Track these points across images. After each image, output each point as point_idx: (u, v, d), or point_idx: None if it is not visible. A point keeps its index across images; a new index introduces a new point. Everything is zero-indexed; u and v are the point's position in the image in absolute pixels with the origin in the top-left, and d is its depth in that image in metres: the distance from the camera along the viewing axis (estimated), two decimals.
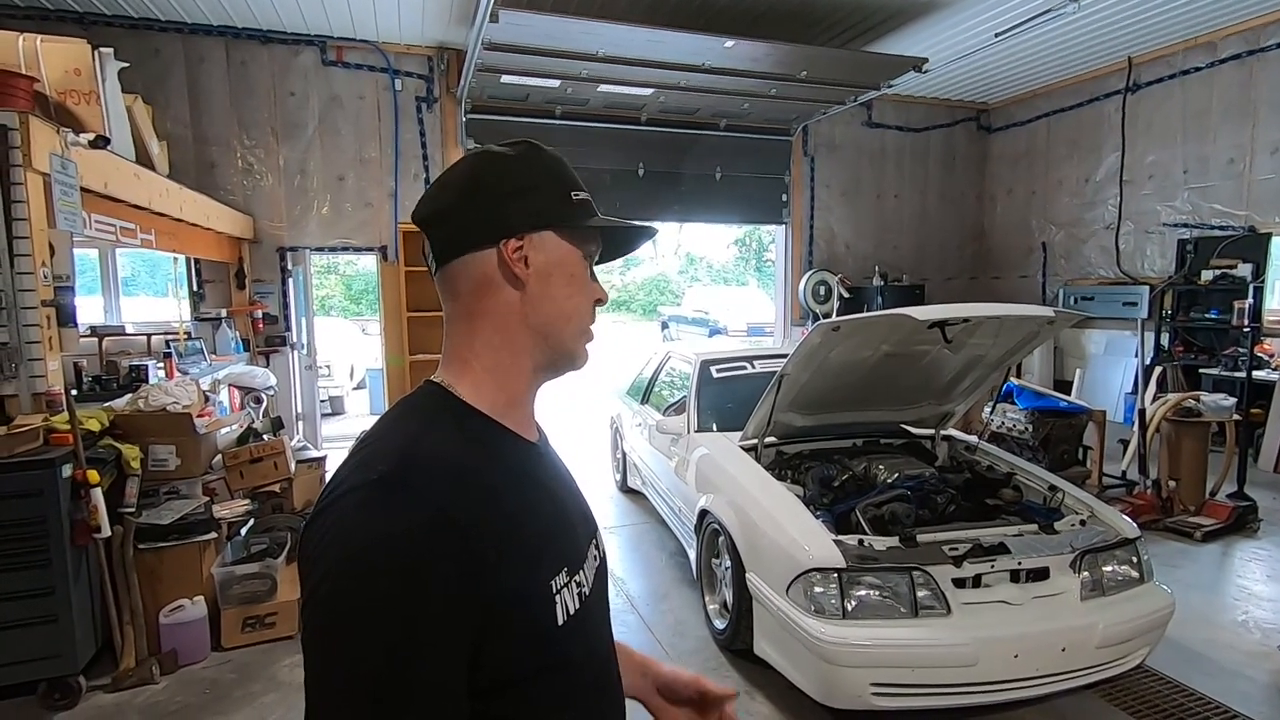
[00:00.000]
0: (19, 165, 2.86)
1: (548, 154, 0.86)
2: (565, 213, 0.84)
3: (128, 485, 3.16)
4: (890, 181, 8.97)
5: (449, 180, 0.84)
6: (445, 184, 0.84)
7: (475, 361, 0.82)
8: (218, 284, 6.50)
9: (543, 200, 0.83)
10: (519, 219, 0.81)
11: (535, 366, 0.85)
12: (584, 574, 0.82)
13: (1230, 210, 6.71)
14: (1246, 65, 6.51)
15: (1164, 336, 7.17)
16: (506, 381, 0.82)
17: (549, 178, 0.84)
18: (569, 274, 0.84)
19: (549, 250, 0.82)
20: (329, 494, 0.70)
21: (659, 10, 5.89)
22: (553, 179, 0.85)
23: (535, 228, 0.82)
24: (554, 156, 0.87)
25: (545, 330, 0.83)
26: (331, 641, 0.63)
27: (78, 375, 4.34)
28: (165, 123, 5.95)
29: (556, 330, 0.84)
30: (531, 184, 0.83)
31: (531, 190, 0.83)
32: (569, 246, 0.84)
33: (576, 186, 0.86)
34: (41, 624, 2.78)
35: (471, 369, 0.82)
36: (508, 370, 0.82)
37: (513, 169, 0.83)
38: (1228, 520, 4.55)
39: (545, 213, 0.82)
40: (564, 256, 0.84)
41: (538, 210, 0.82)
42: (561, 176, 0.85)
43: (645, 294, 30.87)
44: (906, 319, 2.78)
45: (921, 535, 2.72)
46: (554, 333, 0.84)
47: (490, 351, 0.82)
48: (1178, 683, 2.92)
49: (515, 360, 0.82)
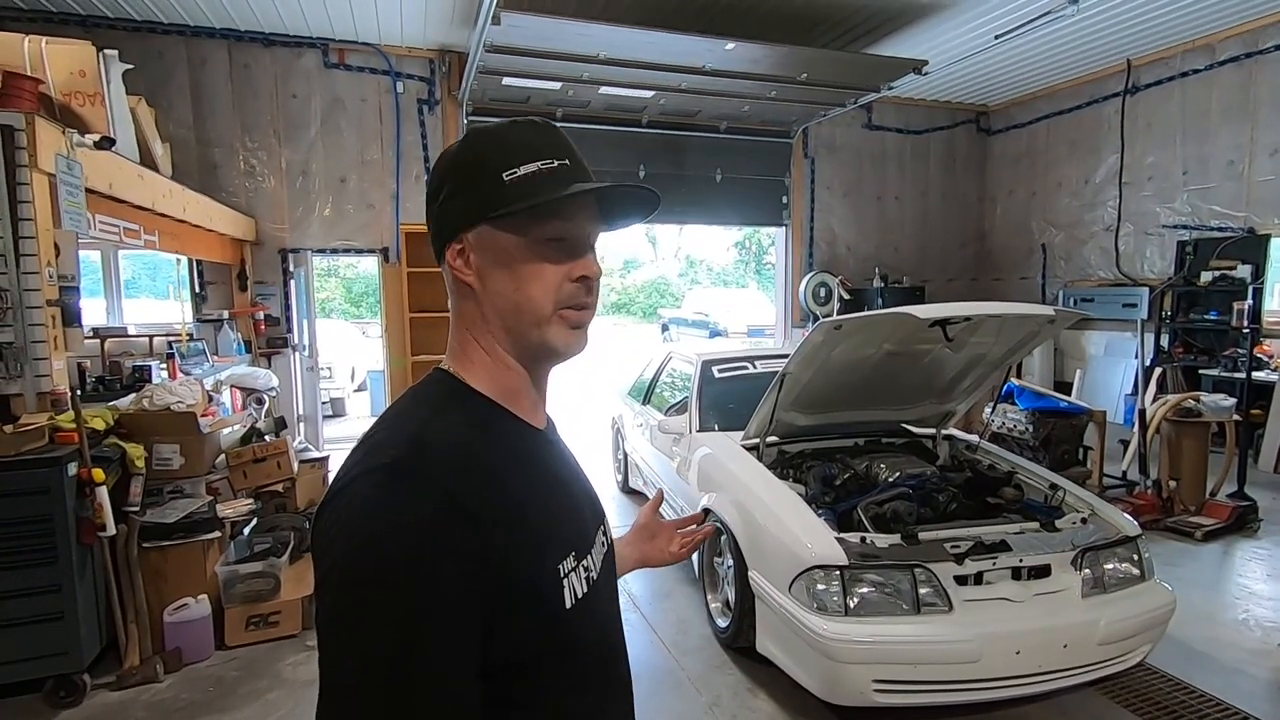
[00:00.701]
0: (25, 165, 2.88)
1: (484, 136, 0.81)
2: (494, 200, 0.76)
3: (132, 484, 3.17)
4: (891, 183, 9.00)
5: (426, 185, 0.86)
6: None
7: (469, 354, 0.83)
8: (220, 286, 6.52)
9: (474, 192, 0.78)
10: (452, 221, 0.80)
11: (518, 360, 0.83)
12: (591, 559, 0.83)
13: (1230, 212, 6.73)
14: (1245, 67, 6.53)
15: (1164, 338, 7.19)
16: (498, 374, 0.82)
17: (478, 165, 0.79)
18: (509, 266, 0.78)
19: (485, 245, 0.79)
20: (341, 479, 0.71)
21: (660, 12, 5.92)
22: (481, 165, 0.78)
23: (469, 225, 0.79)
24: (492, 136, 0.81)
25: (506, 326, 0.80)
26: (343, 626, 0.64)
27: (81, 376, 4.36)
28: (169, 124, 5.97)
29: (514, 325, 0.80)
30: (466, 176, 0.79)
31: (465, 184, 0.79)
32: (507, 237, 0.78)
33: (515, 163, 0.77)
34: (47, 622, 2.79)
35: (469, 360, 0.83)
36: (496, 364, 0.82)
37: (454, 164, 0.81)
38: (1228, 520, 4.56)
39: (475, 206, 0.78)
40: (502, 249, 0.78)
41: (468, 205, 0.78)
42: (494, 157, 0.78)
43: (645, 296, 30.89)
44: (909, 317, 2.80)
45: (923, 533, 2.74)
46: (513, 328, 0.80)
47: (474, 349, 0.82)
48: (1179, 680, 2.93)
49: (496, 357, 0.82)
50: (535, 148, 0.79)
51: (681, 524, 1.33)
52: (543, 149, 0.79)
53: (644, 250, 33.22)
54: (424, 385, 0.83)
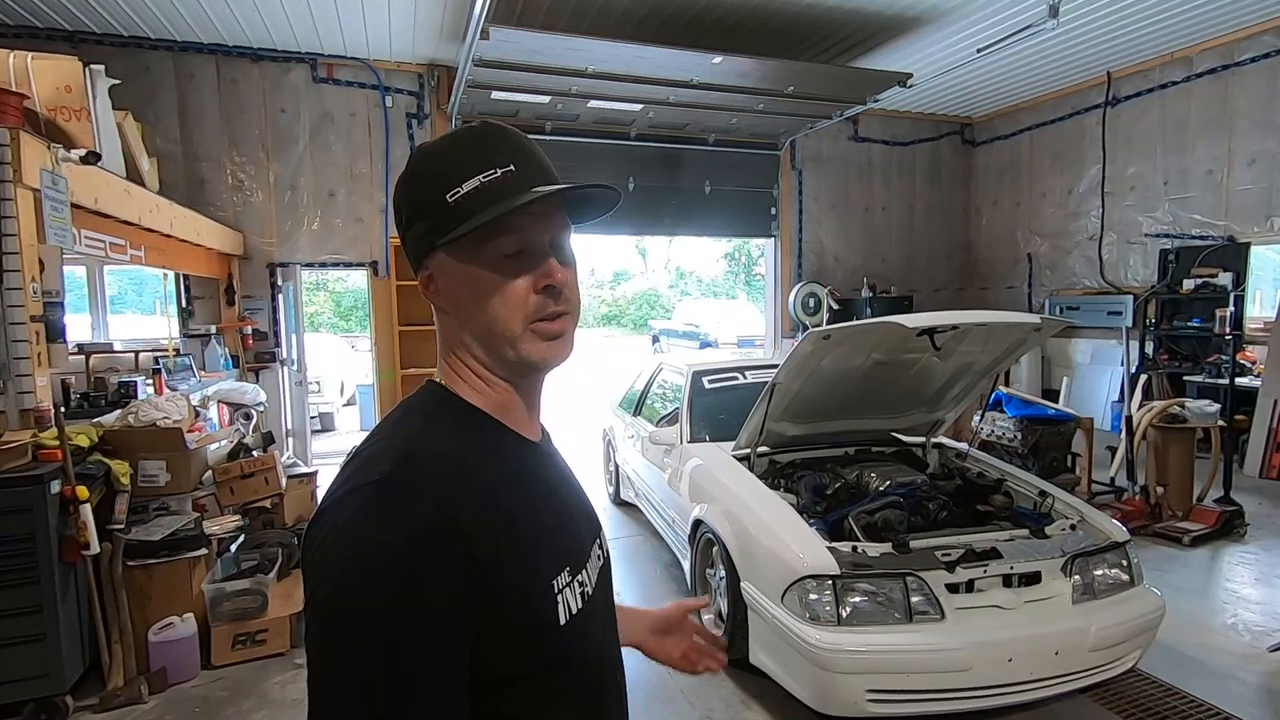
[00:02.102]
0: (9, 181, 2.86)
1: (427, 156, 0.80)
2: (441, 226, 0.75)
3: (117, 501, 3.13)
4: (877, 194, 9.08)
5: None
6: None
7: (456, 373, 0.83)
8: (207, 300, 6.48)
9: (425, 219, 0.77)
10: (412, 249, 0.81)
11: (503, 377, 0.82)
12: (587, 573, 0.82)
13: (1210, 220, 6.84)
14: (1222, 79, 6.66)
15: (1149, 345, 7.27)
16: (485, 390, 0.82)
17: (424, 190, 0.78)
18: (471, 287, 0.77)
19: (445, 270, 0.78)
20: (331, 495, 0.70)
21: (648, 26, 5.98)
22: (426, 190, 0.77)
23: (426, 252, 0.79)
24: (433, 156, 0.79)
25: (483, 346, 0.80)
26: (332, 642, 0.63)
27: (66, 392, 4.30)
28: (155, 139, 5.95)
29: (488, 343, 0.79)
30: (415, 205, 0.79)
31: (416, 212, 0.79)
32: (461, 261, 0.77)
33: (456, 181, 0.75)
34: (29, 643, 2.74)
35: (457, 376, 0.82)
36: (483, 381, 0.82)
37: (402, 192, 0.81)
38: (1215, 525, 4.59)
39: (425, 235, 0.78)
40: (459, 272, 0.77)
41: (419, 235, 0.78)
42: (436, 180, 0.76)
43: (636, 308, 30.95)
44: (896, 326, 2.82)
45: (914, 541, 2.74)
46: (488, 346, 0.79)
47: (462, 368, 0.82)
48: (1170, 685, 2.94)
49: (482, 376, 0.82)
50: (477, 159, 0.76)
51: (704, 634, 1.21)
52: (485, 159, 0.76)
53: (634, 262, 33.34)
54: (416, 398, 0.83)
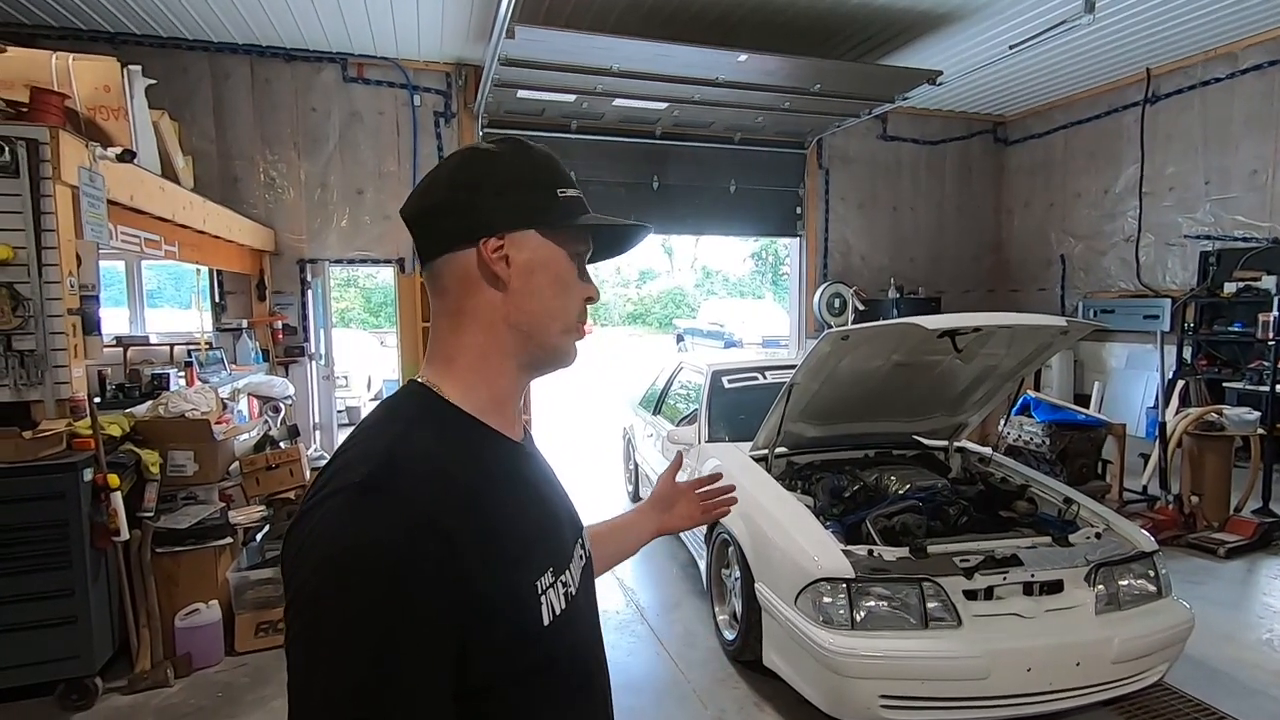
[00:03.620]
0: (49, 178, 2.96)
1: (535, 151, 0.85)
2: (550, 211, 0.82)
3: (147, 490, 3.22)
4: (906, 194, 8.95)
5: (435, 177, 0.83)
6: (431, 181, 0.83)
7: (459, 360, 0.81)
8: (239, 295, 6.63)
9: (526, 198, 0.82)
10: (500, 217, 0.80)
11: (520, 365, 0.84)
12: (570, 574, 0.81)
13: (1254, 222, 6.61)
14: (1269, 75, 6.43)
15: (1186, 350, 7.05)
16: (490, 380, 0.81)
17: (534, 175, 0.83)
18: (553, 273, 0.83)
19: (531, 249, 0.81)
20: (312, 497, 0.70)
21: (673, 24, 5.96)
22: (538, 176, 0.83)
23: (516, 226, 0.81)
24: (542, 153, 0.85)
25: (529, 329, 0.82)
26: (313, 647, 0.63)
27: (101, 383, 4.44)
28: (191, 138, 6.10)
29: (541, 329, 0.83)
30: (515, 181, 0.82)
31: (514, 188, 0.81)
32: (553, 245, 0.83)
33: (564, 184, 0.84)
34: (61, 625, 2.84)
35: (455, 367, 0.81)
36: (492, 369, 0.82)
37: (496, 167, 0.82)
38: (1252, 537, 4.44)
39: (528, 211, 0.81)
40: (548, 256, 0.82)
41: (520, 209, 0.81)
42: (548, 174, 0.84)
43: (661, 307, 30.94)
44: (916, 328, 2.78)
45: (932, 546, 2.70)
46: (538, 332, 0.83)
47: (474, 350, 0.81)
48: (1199, 701, 2.85)
49: (500, 359, 0.82)
50: (566, 175, 0.85)
51: (698, 485, 1.31)
52: (572, 180, 0.86)
53: (660, 261, 33.31)
54: (397, 398, 0.82)
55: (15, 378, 2.95)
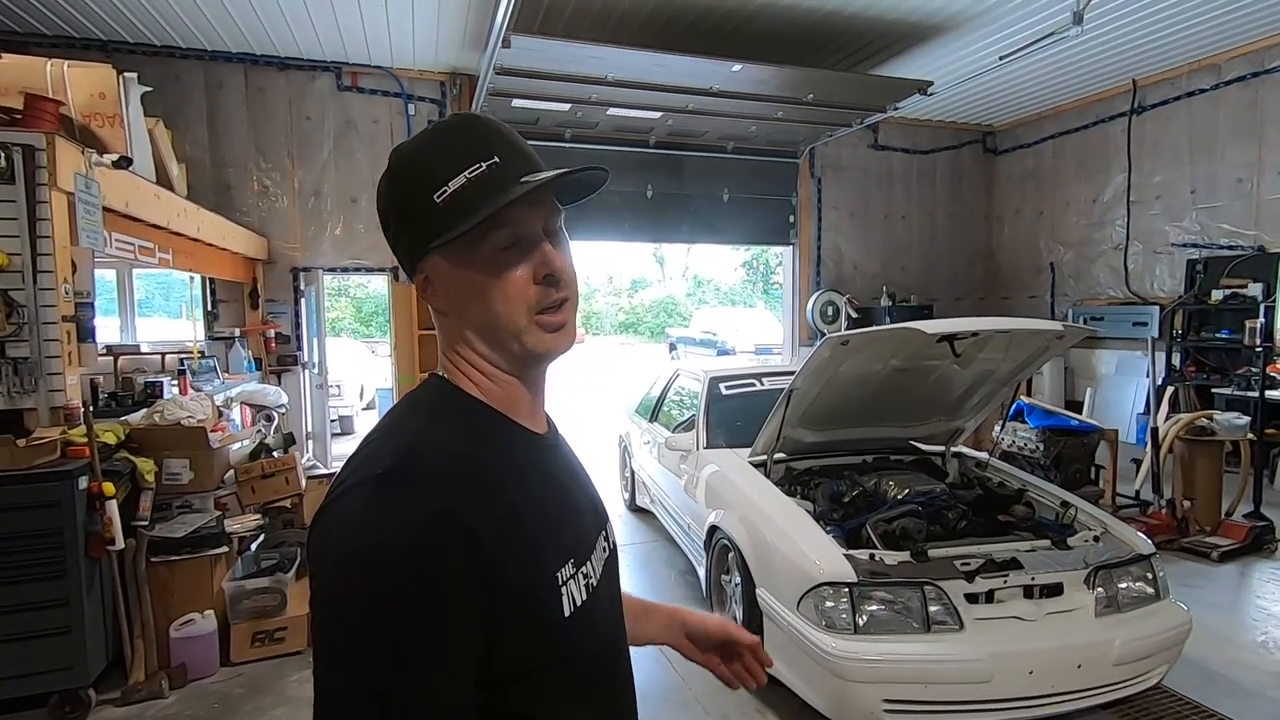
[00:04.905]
0: (44, 184, 2.94)
1: (405, 159, 0.78)
2: (431, 228, 0.74)
3: (141, 498, 3.19)
4: (898, 203, 9.03)
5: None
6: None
7: (460, 370, 0.82)
8: (232, 304, 6.59)
9: (412, 224, 0.77)
10: (408, 255, 0.80)
11: (509, 370, 0.82)
12: (591, 565, 0.82)
13: (1239, 230, 6.71)
14: (1252, 86, 6.55)
15: (1175, 356, 7.13)
16: (488, 387, 0.81)
17: (407, 194, 0.77)
18: (469, 287, 0.77)
19: (441, 272, 0.78)
20: (336, 489, 0.71)
21: (668, 34, 6.01)
22: (410, 193, 0.76)
23: (418, 257, 0.78)
24: (413, 158, 0.78)
25: (485, 341, 0.80)
26: (337, 637, 0.64)
27: (94, 392, 4.39)
28: (185, 146, 6.08)
29: (492, 339, 0.79)
30: (402, 211, 0.78)
31: (402, 217, 0.78)
32: (456, 260, 0.76)
33: (442, 179, 0.74)
34: (55, 636, 2.80)
35: (461, 374, 0.82)
36: (487, 379, 0.82)
37: (387, 197, 0.80)
38: (1245, 540, 4.48)
39: (418, 238, 0.77)
40: (454, 272, 0.77)
41: (413, 239, 0.77)
42: (420, 182, 0.75)
43: (653, 316, 30.99)
44: (915, 333, 2.80)
45: (933, 550, 2.71)
46: (492, 341, 0.79)
47: (465, 365, 0.82)
48: (1197, 703, 2.87)
49: (487, 372, 0.81)
50: (459, 155, 0.75)
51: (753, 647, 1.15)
52: (467, 153, 0.74)
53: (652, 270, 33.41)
54: (420, 392, 0.83)
55: (9, 385, 2.91)
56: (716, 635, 1.14)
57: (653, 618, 1.15)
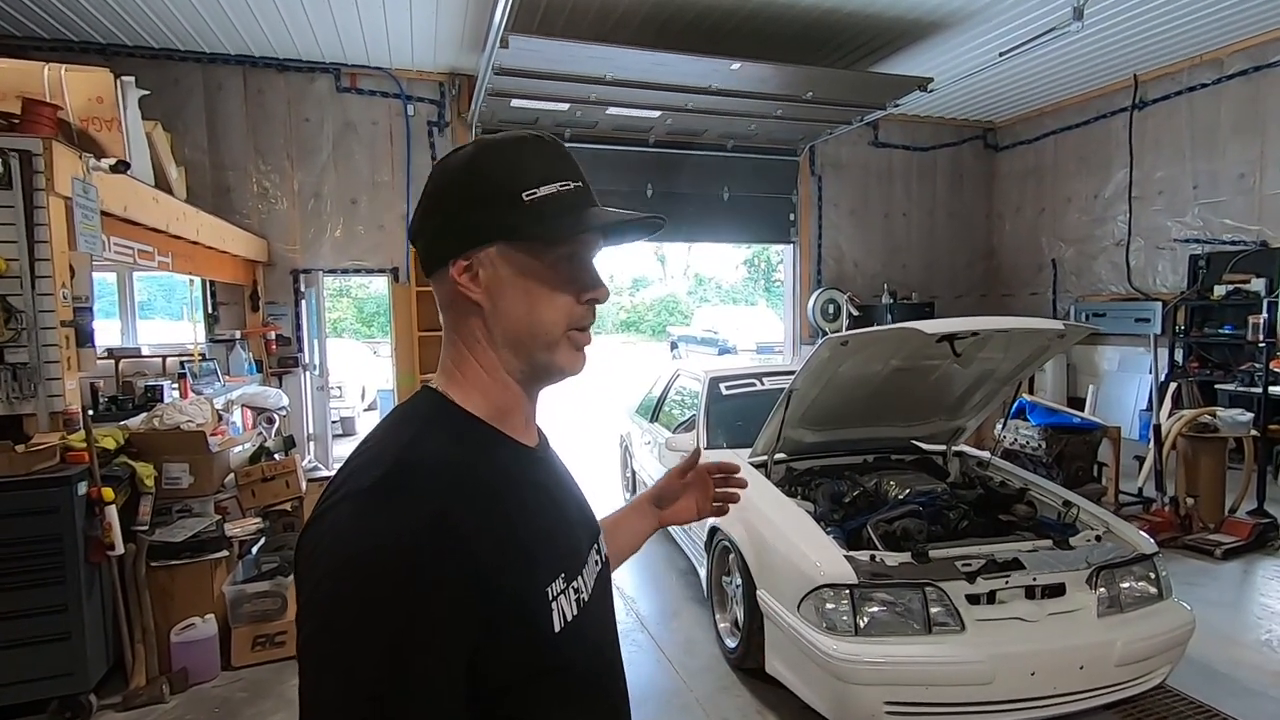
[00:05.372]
0: (42, 189, 2.94)
1: (495, 152, 0.79)
2: (511, 221, 0.76)
3: (141, 503, 3.19)
4: (898, 200, 9.01)
5: (420, 197, 0.82)
6: (418, 201, 0.82)
7: (461, 374, 0.81)
8: (232, 306, 6.59)
9: (484, 212, 0.77)
10: (460, 239, 0.77)
11: (518, 380, 0.82)
12: (583, 579, 0.81)
13: (1242, 225, 6.68)
14: (1254, 81, 6.52)
15: (1178, 352, 7.11)
16: (493, 394, 0.81)
17: (492, 184, 0.77)
18: (524, 288, 0.77)
19: (498, 265, 0.77)
20: (325, 500, 0.70)
21: (667, 33, 5.99)
22: (497, 184, 0.77)
23: (476, 244, 0.77)
24: (504, 154, 0.79)
25: (514, 346, 0.79)
26: (325, 649, 0.63)
27: (94, 395, 4.40)
28: (184, 149, 6.09)
29: (524, 345, 0.79)
30: (473, 195, 0.77)
31: (472, 202, 0.77)
32: (522, 257, 0.77)
33: (533, 183, 0.76)
34: (55, 642, 2.79)
35: (460, 380, 0.81)
36: (493, 383, 0.81)
37: (456, 181, 0.79)
38: (1248, 538, 4.47)
39: (487, 227, 0.76)
40: (516, 270, 0.77)
41: (478, 225, 0.77)
42: (510, 177, 0.77)
43: (655, 314, 30.98)
44: (915, 333, 2.78)
45: (934, 551, 2.70)
46: (521, 347, 0.79)
47: (471, 367, 0.81)
48: (1201, 703, 2.85)
49: (495, 376, 0.80)
50: (549, 167, 0.78)
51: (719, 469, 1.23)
52: (557, 169, 0.79)
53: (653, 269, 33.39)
54: (411, 404, 0.82)
55: (8, 391, 2.92)
56: (676, 484, 1.22)
57: (624, 522, 1.21)
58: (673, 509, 1.23)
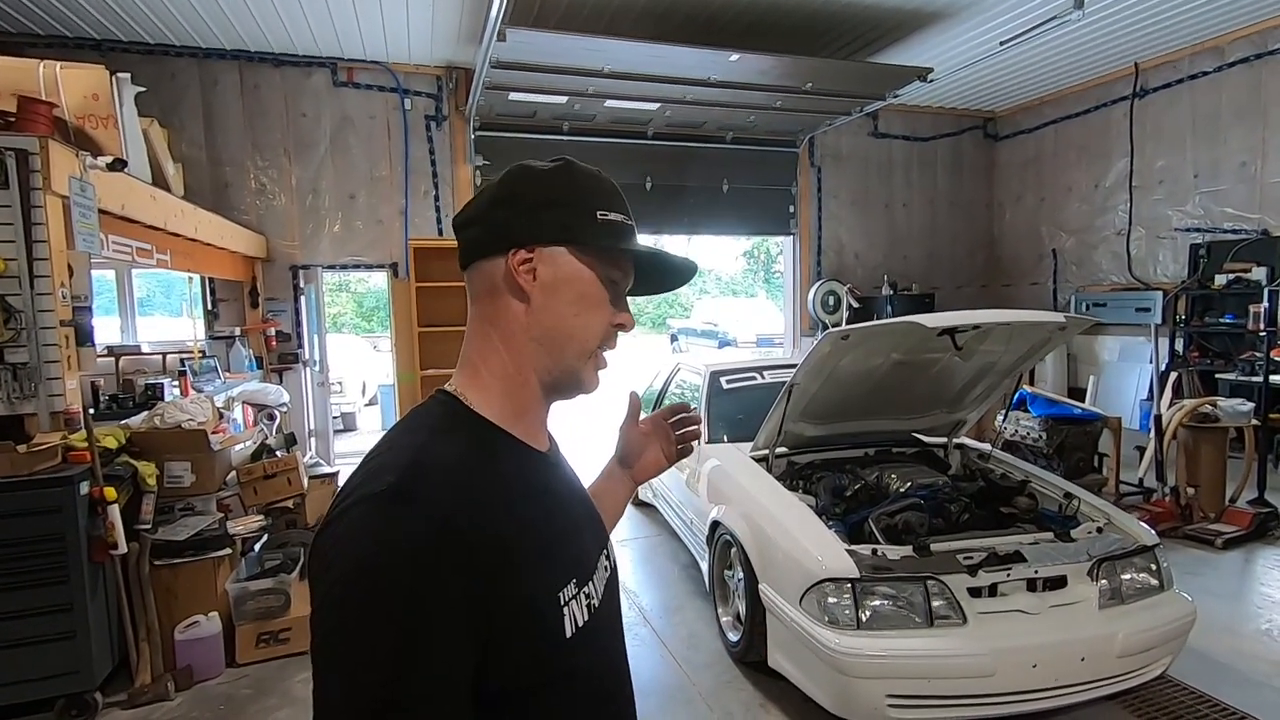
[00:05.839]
0: (39, 188, 2.93)
1: (581, 172, 0.85)
2: (583, 231, 0.82)
3: (144, 502, 3.19)
4: (898, 191, 8.97)
5: (483, 189, 0.86)
6: (479, 193, 0.86)
7: (484, 367, 0.83)
8: (231, 303, 6.58)
9: (561, 215, 0.82)
10: (531, 230, 0.81)
11: (540, 383, 0.84)
12: (593, 585, 0.82)
13: (1243, 214, 6.66)
14: (1255, 68, 6.48)
15: (1179, 342, 7.10)
16: (513, 391, 0.82)
17: (573, 194, 0.83)
18: (579, 293, 0.83)
19: (559, 266, 0.82)
20: (339, 504, 0.71)
21: (665, 25, 5.95)
22: (578, 195, 0.83)
23: (546, 241, 0.81)
24: (589, 175, 0.86)
25: (548, 346, 0.82)
26: (337, 651, 0.64)
27: (95, 394, 4.40)
28: (181, 145, 6.06)
29: (558, 347, 0.83)
30: (553, 198, 0.82)
31: (552, 205, 0.82)
32: (581, 265, 0.82)
33: (606, 207, 0.84)
34: (59, 641, 2.80)
35: (481, 375, 0.83)
36: (514, 380, 0.83)
37: (540, 182, 0.83)
38: (1249, 527, 4.47)
39: (561, 228, 0.82)
40: (575, 274, 0.82)
41: (552, 224, 0.81)
42: (589, 195, 0.84)
43: (654, 307, 30.91)
44: (916, 326, 2.78)
45: (935, 544, 2.70)
46: (556, 350, 0.83)
47: (497, 360, 0.82)
48: (1202, 693, 2.87)
49: (520, 372, 0.83)
50: (616, 200, 0.86)
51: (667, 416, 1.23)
52: (620, 206, 0.86)
53: None
54: (426, 407, 0.83)
55: (9, 391, 2.92)
56: (636, 440, 1.22)
57: (605, 492, 1.19)
58: (641, 464, 1.22)
